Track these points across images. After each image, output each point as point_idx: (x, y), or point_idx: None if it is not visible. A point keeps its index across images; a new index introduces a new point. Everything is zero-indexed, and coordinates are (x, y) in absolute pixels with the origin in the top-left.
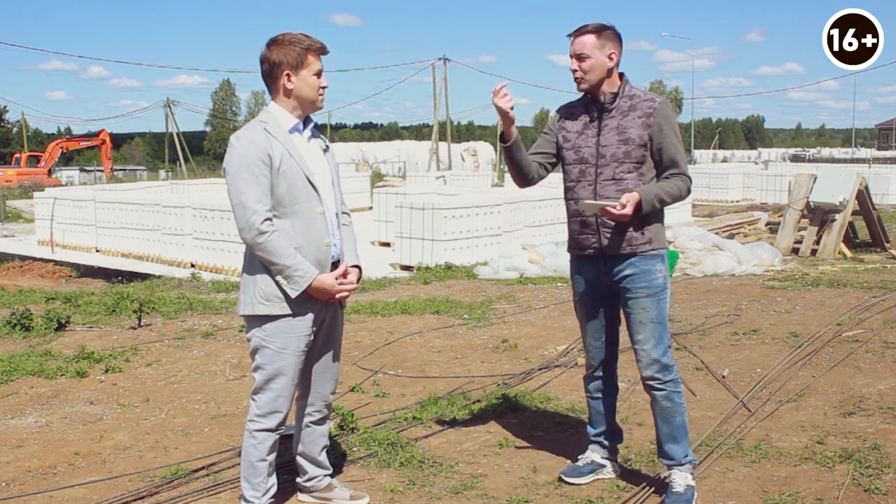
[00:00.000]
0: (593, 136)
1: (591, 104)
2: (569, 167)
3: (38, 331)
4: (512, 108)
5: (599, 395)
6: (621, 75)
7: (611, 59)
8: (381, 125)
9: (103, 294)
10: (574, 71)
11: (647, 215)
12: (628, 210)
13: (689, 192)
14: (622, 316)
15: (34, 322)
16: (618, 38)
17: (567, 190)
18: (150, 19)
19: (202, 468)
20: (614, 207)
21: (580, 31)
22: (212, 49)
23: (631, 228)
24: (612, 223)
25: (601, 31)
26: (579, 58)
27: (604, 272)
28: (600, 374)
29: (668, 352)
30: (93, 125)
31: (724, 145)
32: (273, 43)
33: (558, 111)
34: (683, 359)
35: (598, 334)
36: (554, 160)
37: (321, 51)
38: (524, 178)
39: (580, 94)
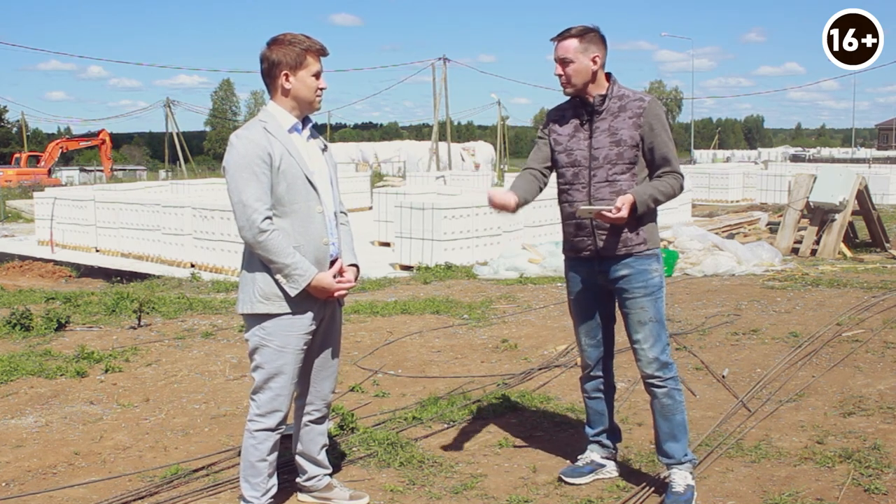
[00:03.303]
0: (585, 138)
1: (580, 107)
2: (562, 170)
3: (38, 331)
4: (509, 205)
5: (597, 395)
6: (608, 76)
7: (594, 62)
8: (381, 125)
9: (103, 294)
10: (559, 76)
11: (642, 215)
12: (624, 213)
13: (682, 189)
14: (617, 315)
15: (34, 322)
16: (601, 40)
17: (561, 193)
18: (150, 19)
19: (202, 468)
20: (610, 212)
21: (563, 36)
22: (212, 49)
23: (626, 230)
24: (608, 226)
25: (584, 34)
26: (563, 62)
27: (599, 272)
28: (596, 373)
29: (666, 349)
30: (92, 125)
31: (724, 145)
32: (273, 42)
33: (548, 115)
34: (683, 359)
35: (593, 333)
36: (551, 163)
37: (321, 52)
38: (534, 197)
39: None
